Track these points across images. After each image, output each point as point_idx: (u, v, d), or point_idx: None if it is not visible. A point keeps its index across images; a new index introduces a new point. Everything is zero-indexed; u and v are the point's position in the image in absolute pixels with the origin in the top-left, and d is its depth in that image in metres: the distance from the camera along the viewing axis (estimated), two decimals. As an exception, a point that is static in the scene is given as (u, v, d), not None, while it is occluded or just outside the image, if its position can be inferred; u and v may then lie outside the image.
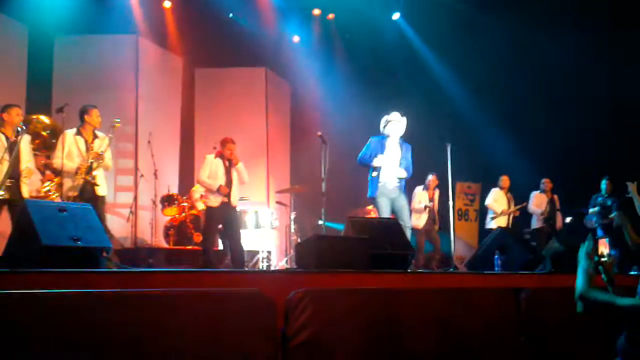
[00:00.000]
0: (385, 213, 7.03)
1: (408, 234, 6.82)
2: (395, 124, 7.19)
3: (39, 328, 2.85)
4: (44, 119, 8.62)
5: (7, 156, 6.31)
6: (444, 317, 4.07)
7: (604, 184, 9.58)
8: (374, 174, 7.10)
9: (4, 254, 4.52)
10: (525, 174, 10.17)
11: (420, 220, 9.39)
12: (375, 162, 7.08)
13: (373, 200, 7.23)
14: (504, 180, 9.92)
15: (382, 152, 7.13)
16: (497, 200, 9.88)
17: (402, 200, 7.16)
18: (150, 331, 3.09)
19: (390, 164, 7.12)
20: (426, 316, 4.01)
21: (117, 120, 6.93)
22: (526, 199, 9.98)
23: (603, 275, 3.30)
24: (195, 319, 3.23)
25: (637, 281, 2.98)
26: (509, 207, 9.81)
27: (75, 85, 9.57)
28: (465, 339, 4.10)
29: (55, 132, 7.79)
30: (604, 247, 3.23)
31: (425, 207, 9.44)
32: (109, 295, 3.19)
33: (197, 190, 9.11)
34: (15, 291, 2.96)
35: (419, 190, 9.56)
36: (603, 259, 3.27)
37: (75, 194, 6.49)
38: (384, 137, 7.22)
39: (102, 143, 6.78)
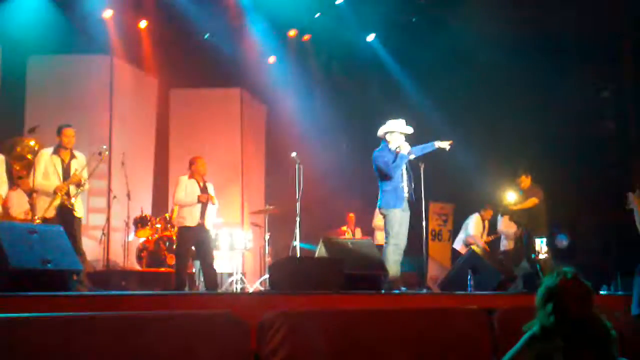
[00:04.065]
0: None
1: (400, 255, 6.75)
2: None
3: (7, 353, 2.80)
4: (32, 142, 8.55)
5: None
6: (418, 337, 4.08)
7: (519, 180, 8.99)
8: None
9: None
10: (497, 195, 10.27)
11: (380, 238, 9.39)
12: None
13: (392, 212, 6.82)
14: (488, 211, 10.09)
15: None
16: (475, 228, 10.04)
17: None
18: (122, 355, 3.05)
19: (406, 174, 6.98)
20: (400, 337, 4.01)
21: (104, 147, 6.93)
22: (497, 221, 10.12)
23: (540, 273, 3.40)
24: (167, 342, 3.19)
25: (604, 300, 3.06)
26: (483, 235, 9.99)
27: (48, 105, 9.48)
28: (439, 359, 4.11)
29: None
30: (541, 246, 3.32)
31: None
32: (79, 318, 3.14)
33: (176, 210, 9.05)
34: (-17, 315, 2.90)
35: None
36: (540, 257, 3.38)
37: (52, 215, 6.43)
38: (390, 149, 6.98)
39: (79, 163, 6.73)
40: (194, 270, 8.57)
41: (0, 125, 8.90)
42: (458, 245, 10.39)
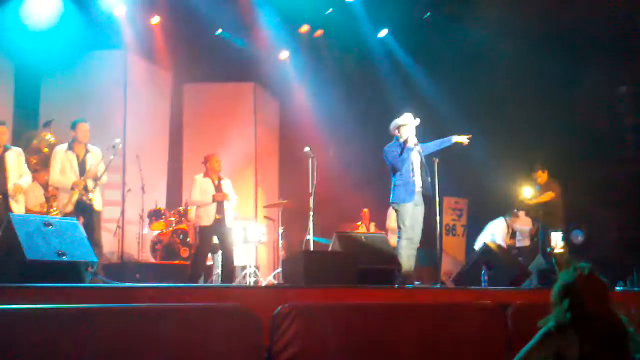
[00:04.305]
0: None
1: (413, 249, 6.66)
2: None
3: (23, 343, 2.82)
4: (51, 137, 8.62)
5: None
6: (432, 332, 4.06)
7: (535, 175, 9.04)
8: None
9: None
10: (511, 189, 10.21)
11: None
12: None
13: (403, 207, 6.76)
14: (514, 218, 9.95)
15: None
16: (503, 234, 9.90)
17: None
18: (134, 346, 3.07)
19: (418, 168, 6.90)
20: (414, 331, 4.00)
21: (117, 140, 6.97)
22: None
23: (556, 268, 3.36)
24: (178, 334, 3.20)
25: (621, 296, 3.02)
26: (506, 240, 9.94)
27: (63, 100, 9.53)
28: (453, 354, 4.09)
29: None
30: (557, 240, 3.27)
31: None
32: (93, 310, 3.16)
33: (193, 210, 9.09)
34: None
35: None
36: (556, 252, 3.33)
37: (71, 209, 6.49)
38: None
39: (95, 157, 6.77)
40: (210, 263, 8.62)
41: (16, 121, 8.95)
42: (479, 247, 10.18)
